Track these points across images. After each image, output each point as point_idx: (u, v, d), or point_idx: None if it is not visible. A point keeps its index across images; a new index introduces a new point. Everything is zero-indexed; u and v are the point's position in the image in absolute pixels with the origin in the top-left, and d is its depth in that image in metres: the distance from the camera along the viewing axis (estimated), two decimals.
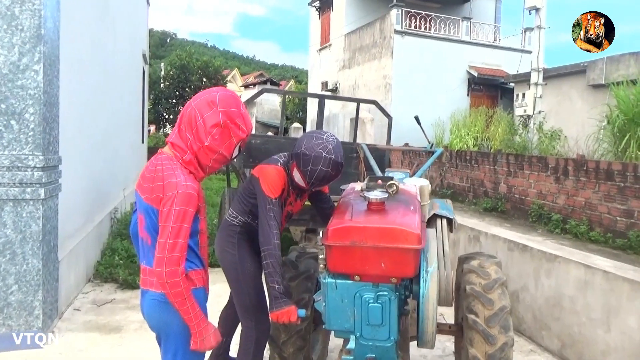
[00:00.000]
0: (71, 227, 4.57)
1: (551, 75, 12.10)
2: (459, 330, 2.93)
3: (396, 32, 15.97)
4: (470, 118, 13.66)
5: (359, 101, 5.60)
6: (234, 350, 3.38)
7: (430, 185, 2.81)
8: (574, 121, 11.10)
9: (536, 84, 10.89)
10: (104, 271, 5.19)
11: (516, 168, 6.89)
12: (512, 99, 15.46)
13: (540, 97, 10.96)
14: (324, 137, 2.44)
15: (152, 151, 14.88)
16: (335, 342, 3.76)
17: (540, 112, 10.86)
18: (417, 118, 4.27)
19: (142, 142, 11.60)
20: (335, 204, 3.02)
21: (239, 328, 3.08)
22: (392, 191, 2.25)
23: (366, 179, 2.44)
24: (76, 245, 4.60)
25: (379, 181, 2.36)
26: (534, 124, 10.60)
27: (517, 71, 15.61)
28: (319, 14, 21.88)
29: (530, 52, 16.97)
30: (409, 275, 2.07)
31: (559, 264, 3.70)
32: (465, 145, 12.51)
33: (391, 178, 2.38)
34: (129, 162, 9.07)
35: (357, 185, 2.64)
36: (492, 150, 11.04)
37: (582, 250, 4.16)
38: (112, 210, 6.63)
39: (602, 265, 3.42)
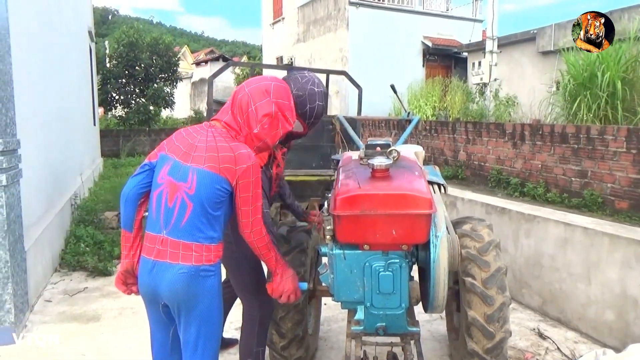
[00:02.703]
0: (34, 215, 4.28)
1: (502, 44, 12.36)
2: (452, 293, 2.96)
3: (350, 3, 15.78)
4: (427, 88, 13.83)
5: (328, 72, 5.47)
6: (228, 332, 3.31)
7: (423, 152, 2.78)
8: (525, 87, 11.42)
9: (491, 52, 11.06)
10: (71, 259, 4.93)
11: (474, 135, 7.02)
12: (466, 68, 15.73)
13: (496, 64, 11.18)
14: (306, 74, 2.36)
15: (104, 134, 14.23)
16: (324, 315, 3.75)
17: (495, 79, 11.10)
18: (393, 87, 4.23)
19: (94, 124, 11.02)
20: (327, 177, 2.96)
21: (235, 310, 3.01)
22: (393, 157, 2.20)
23: (363, 148, 2.37)
24: (41, 233, 4.32)
25: (378, 148, 2.30)
26: (490, 91, 10.84)
27: (470, 40, 15.86)
28: None
29: (481, 21, 17.32)
30: (421, 241, 2.04)
31: (538, 224, 3.81)
32: (424, 115, 12.69)
33: (389, 145, 2.33)
34: (83, 146, 8.61)
35: (354, 154, 2.58)
36: (450, 119, 11.25)
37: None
38: (72, 196, 6.28)
39: (581, 222, 3.54)
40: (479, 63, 11.94)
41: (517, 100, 9.84)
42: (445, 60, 17.38)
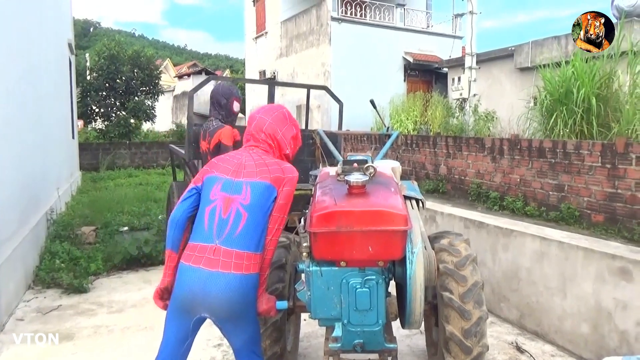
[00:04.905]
0: (7, 230, 4.18)
1: (481, 60, 12.60)
2: (430, 308, 2.96)
3: (333, 19, 15.95)
4: (408, 103, 14.00)
5: (309, 87, 5.52)
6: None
7: (400, 167, 2.80)
8: (503, 103, 11.63)
9: (470, 68, 11.28)
10: (45, 276, 4.81)
11: (455, 150, 7.09)
12: (446, 83, 15.97)
13: (475, 80, 11.38)
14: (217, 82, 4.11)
15: (83, 147, 14.01)
16: (303, 331, 3.72)
17: (475, 95, 11.29)
18: (372, 102, 4.27)
19: (73, 137, 10.86)
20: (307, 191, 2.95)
21: None
22: (370, 174, 2.21)
23: (339, 163, 2.38)
24: (14, 250, 4.22)
25: (355, 164, 2.31)
26: (470, 106, 11.02)
27: (450, 56, 16.13)
28: (254, 1, 21.43)
29: (461, 37, 17.64)
30: (396, 258, 2.04)
31: (515, 238, 3.86)
32: (406, 130, 12.82)
33: (366, 161, 2.34)
34: (61, 160, 8.47)
35: (331, 170, 2.59)
36: (431, 133, 11.38)
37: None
38: (48, 211, 6.16)
39: (556, 236, 3.60)
40: (459, 78, 12.12)
41: (496, 115, 10.01)
42: (426, 75, 17.63)
